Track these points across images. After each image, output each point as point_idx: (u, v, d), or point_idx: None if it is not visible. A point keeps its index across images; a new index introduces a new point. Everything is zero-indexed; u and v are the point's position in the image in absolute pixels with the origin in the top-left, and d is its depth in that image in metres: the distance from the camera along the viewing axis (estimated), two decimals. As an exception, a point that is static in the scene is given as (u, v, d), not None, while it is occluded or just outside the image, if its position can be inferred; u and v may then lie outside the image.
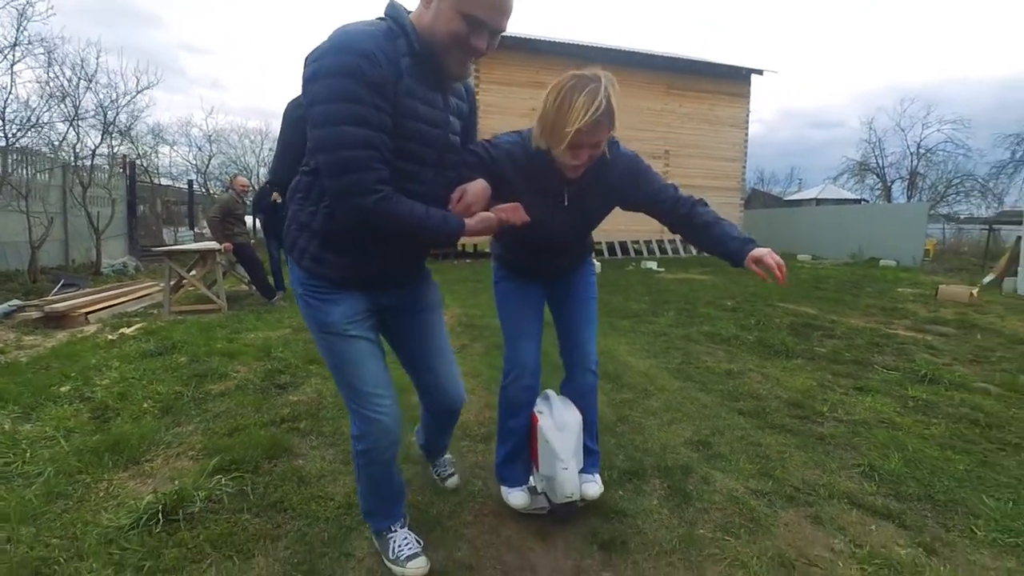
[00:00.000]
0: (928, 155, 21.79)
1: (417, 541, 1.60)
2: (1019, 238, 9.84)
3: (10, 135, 7.21)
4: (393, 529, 1.60)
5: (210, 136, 21.34)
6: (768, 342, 4.57)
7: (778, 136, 72.65)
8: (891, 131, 23.77)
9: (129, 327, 4.95)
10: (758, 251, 1.51)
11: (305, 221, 1.37)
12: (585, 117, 1.39)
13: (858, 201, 21.39)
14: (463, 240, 1.48)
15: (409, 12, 1.31)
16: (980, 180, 19.69)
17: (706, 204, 1.68)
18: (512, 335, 1.88)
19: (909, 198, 22.33)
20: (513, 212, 1.46)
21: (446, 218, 1.34)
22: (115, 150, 10.55)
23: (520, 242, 1.77)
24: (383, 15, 1.30)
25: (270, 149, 27.13)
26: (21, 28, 6.76)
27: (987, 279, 10.07)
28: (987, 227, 15.23)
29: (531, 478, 1.92)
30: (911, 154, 21.43)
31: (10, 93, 7.19)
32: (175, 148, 21.00)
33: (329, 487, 1.98)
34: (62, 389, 2.99)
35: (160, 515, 1.65)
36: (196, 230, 17.13)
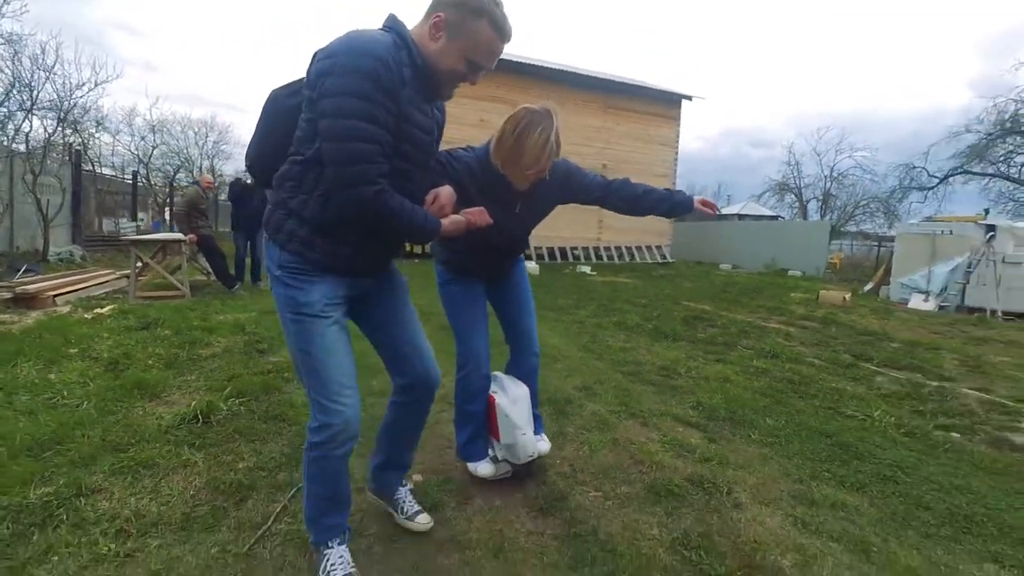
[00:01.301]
0: (840, 178, 24.25)
1: (351, 564, 1.52)
2: (891, 253, 11.57)
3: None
4: (330, 545, 1.53)
5: (154, 126, 20.89)
6: (662, 329, 5.61)
7: (718, 152, 77.12)
8: (808, 155, 26.40)
9: (101, 308, 5.42)
10: (699, 198, 2.04)
11: (295, 208, 1.40)
12: (541, 159, 1.67)
13: (775, 218, 23.59)
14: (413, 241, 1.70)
15: (408, 27, 1.43)
16: (884, 202, 22.21)
17: (631, 181, 2.03)
18: (465, 333, 2.06)
19: (822, 216, 24.71)
20: (479, 215, 1.59)
21: (427, 217, 1.45)
22: (65, 139, 10.60)
23: (472, 245, 1.88)
24: (384, 27, 1.41)
25: (215, 141, 26.72)
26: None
27: (867, 287, 11.78)
28: (877, 244, 17.35)
29: (490, 450, 2.15)
30: (825, 177, 23.84)
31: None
32: (117, 138, 20.46)
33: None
34: (70, 351, 3.57)
35: (198, 416, 2.40)
36: (137, 221, 16.92)
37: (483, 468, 2.10)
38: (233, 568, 1.52)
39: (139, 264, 6.58)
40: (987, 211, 10.88)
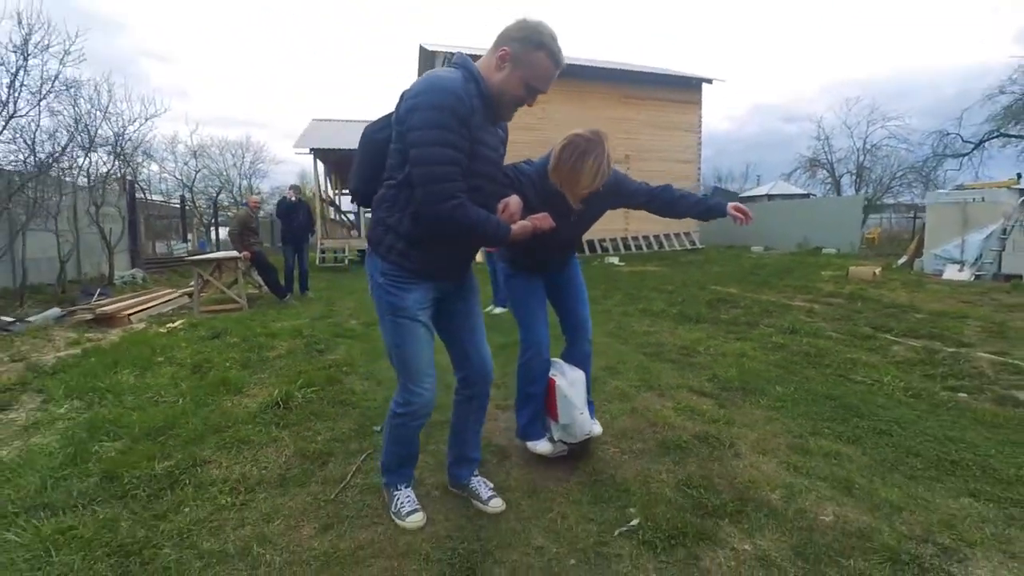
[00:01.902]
0: (873, 150, 23.60)
1: (415, 502, 1.89)
2: (923, 224, 11.38)
3: (42, 165, 8.17)
4: (399, 487, 1.91)
5: (195, 152, 22.10)
6: (686, 313, 5.87)
7: (747, 131, 75.34)
8: (838, 128, 25.67)
9: (173, 323, 6.05)
10: (733, 203, 2.17)
11: (392, 224, 1.67)
12: (594, 183, 1.88)
13: (806, 196, 23.12)
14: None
15: (475, 60, 1.66)
16: (919, 172, 21.54)
17: (673, 187, 2.24)
18: (527, 320, 2.25)
19: (857, 190, 24.08)
20: (543, 220, 1.79)
21: (499, 223, 1.66)
22: (120, 171, 11.48)
23: (537, 247, 2.04)
24: (453, 64, 1.65)
25: (251, 161, 27.97)
26: (56, 74, 7.74)
27: (901, 260, 11.62)
28: (913, 216, 16.92)
29: (547, 431, 2.31)
30: (857, 150, 23.25)
31: (38, 127, 8.14)
32: (163, 165, 21.75)
33: (372, 395, 3.20)
34: (158, 359, 4.13)
35: (279, 403, 2.86)
36: (187, 243, 18.01)
37: (542, 446, 2.27)
38: (324, 510, 1.94)
39: (200, 281, 7.23)
40: (1020, 175, 10.55)
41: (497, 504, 1.96)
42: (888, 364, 3.93)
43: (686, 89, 17.13)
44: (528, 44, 1.59)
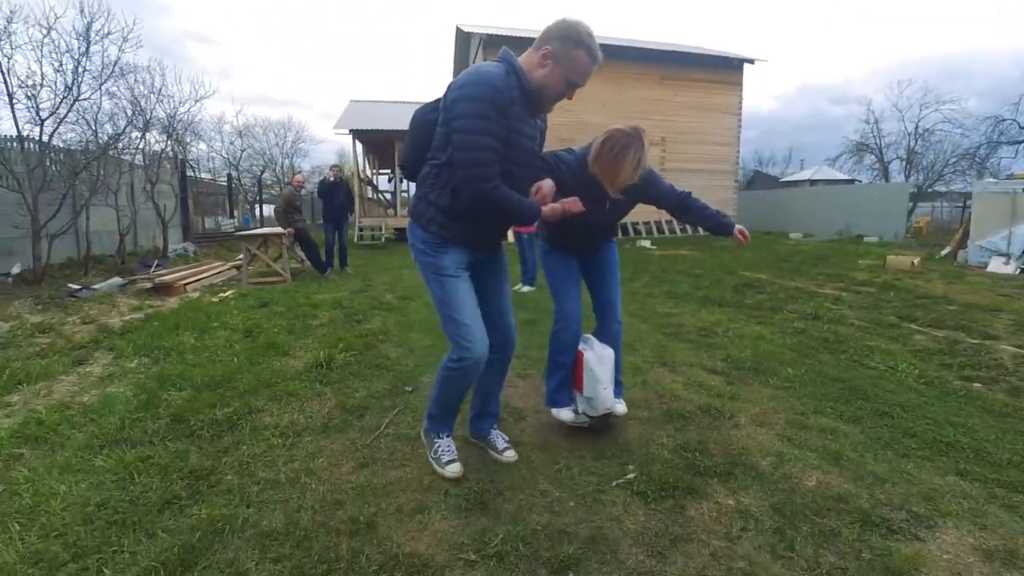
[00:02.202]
0: (925, 135, 22.54)
1: (455, 451, 2.06)
2: (969, 214, 10.96)
3: (105, 146, 8.76)
4: (441, 436, 2.07)
5: (240, 131, 22.90)
6: (710, 297, 5.96)
7: (794, 112, 72.36)
8: (888, 112, 24.50)
9: (225, 293, 6.51)
10: (739, 226, 2.34)
11: (434, 199, 1.85)
12: (634, 176, 2.03)
13: (851, 182, 22.31)
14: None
15: (517, 56, 1.81)
16: (972, 158, 20.50)
17: (693, 196, 2.39)
18: (560, 293, 2.40)
19: (907, 177, 23.10)
20: (572, 204, 1.95)
21: (531, 204, 1.84)
22: (173, 151, 12.12)
23: (569, 228, 2.19)
24: (498, 59, 1.80)
25: (292, 141, 28.73)
26: (116, 59, 8.25)
27: (945, 251, 11.24)
28: (963, 205, 16.19)
29: (573, 402, 2.43)
30: (908, 135, 22.25)
31: (99, 109, 8.71)
32: (211, 145, 22.66)
33: (404, 360, 3.50)
34: (213, 324, 4.53)
35: (322, 364, 3.19)
36: (234, 219, 18.82)
37: (564, 414, 2.40)
38: (361, 453, 2.23)
39: (248, 255, 7.69)
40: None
41: (511, 455, 2.16)
42: (906, 352, 3.97)
43: (726, 70, 16.73)
44: (568, 43, 1.74)
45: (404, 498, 1.88)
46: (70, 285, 7.30)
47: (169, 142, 11.55)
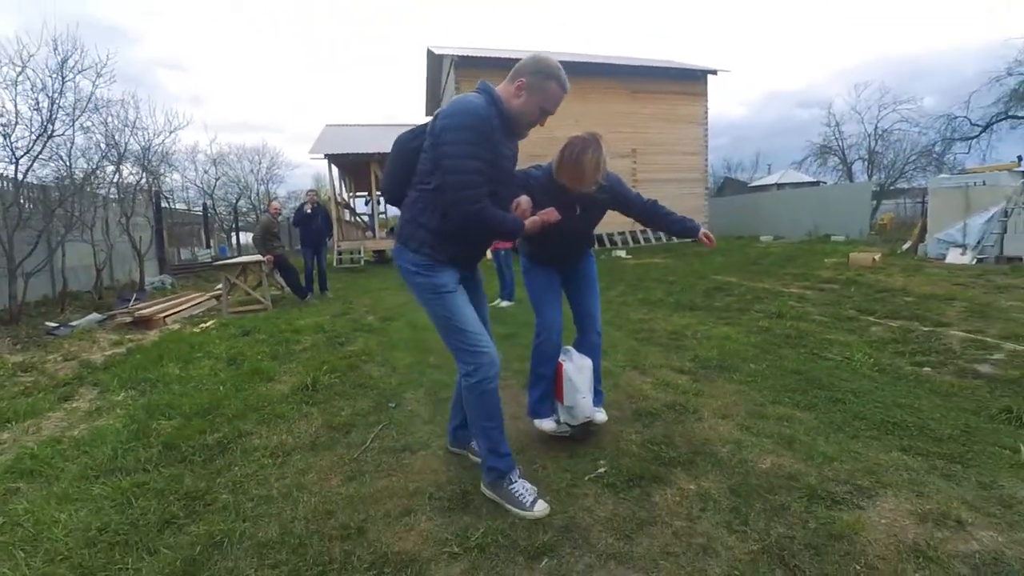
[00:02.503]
0: (885, 135, 23.46)
1: (532, 489, 2.00)
2: (925, 209, 11.49)
3: (79, 181, 8.77)
4: (512, 480, 1.98)
5: (215, 160, 22.83)
6: (682, 302, 6.20)
7: (764, 117, 74.36)
8: (848, 115, 25.49)
9: (205, 323, 6.55)
10: (704, 230, 2.44)
11: (424, 222, 1.94)
12: (597, 174, 2.15)
13: (816, 183, 23.08)
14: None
15: (495, 86, 1.95)
16: (927, 155, 21.39)
17: (659, 203, 2.51)
18: (540, 306, 2.48)
19: (870, 176, 23.96)
20: (549, 214, 2.08)
21: (514, 220, 1.97)
22: (148, 183, 12.09)
23: (546, 239, 2.27)
24: (477, 90, 1.95)
25: (267, 167, 28.70)
26: (90, 96, 8.30)
27: (905, 246, 11.73)
28: (921, 200, 16.88)
29: (555, 412, 2.50)
30: (868, 136, 23.14)
31: (72, 144, 8.72)
32: (184, 175, 22.54)
33: (387, 378, 3.63)
34: (196, 354, 4.60)
35: (307, 386, 3.30)
36: (210, 249, 18.70)
37: (546, 424, 2.48)
38: (349, 466, 2.35)
39: (228, 284, 7.73)
40: (1021, 158, 10.62)
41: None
42: (863, 343, 4.22)
43: (691, 81, 17.31)
44: (540, 75, 1.92)
45: (391, 504, 2.01)
46: (47, 323, 7.26)
47: (144, 174, 11.53)
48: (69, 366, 4.75)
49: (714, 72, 17.39)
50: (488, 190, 1.87)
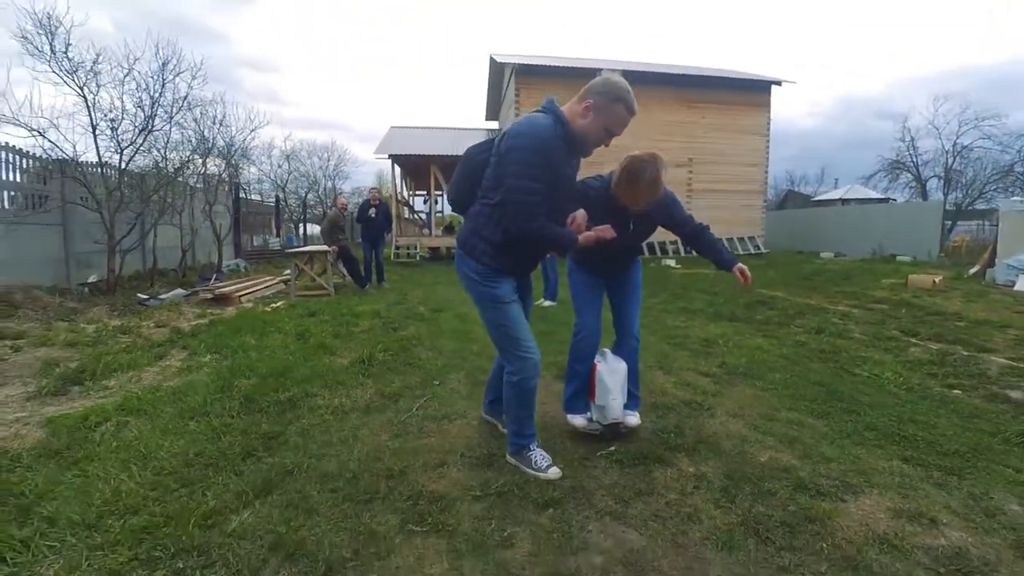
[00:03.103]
0: (965, 152, 22.11)
1: (547, 456, 2.25)
2: (997, 233, 10.89)
3: (172, 172, 9.77)
4: (532, 448, 2.25)
5: (288, 155, 24.31)
6: (721, 312, 6.31)
7: (836, 129, 71.05)
8: (924, 129, 24.05)
9: (276, 303, 7.22)
10: (740, 265, 2.42)
11: (487, 235, 2.09)
12: (653, 195, 2.23)
13: (885, 200, 22.02)
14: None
15: (561, 106, 2.04)
16: (1017, 175, 20.00)
17: (710, 230, 2.55)
18: (581, 307, 2.61)
19: (946, 196, 22.64)
20: (605, 231, 2.15)
21: (569, 235, 2.07)
22: (229, 175, 13.19)
23: (596, 250, 2.28)
24: (543, 108, 2.03)
25: (335, 164, 30.20)
26: (186, 95, 9.26)
27: (973, 270, 11.17)
28: (995, 222, 15.85)
29: (589, 410, 2.60)
30: (946, 152, 21.87)
31: (168, 139, 9.73)
32: (260, 167, 24.18)
33: (434, 360, 4.04)
34: (269, 329, 5.18)
35: (364, 361, 3.76)
36: (280, 238, 20.00)
37: (578, 420, 2.60)
38: (396, 427, 2.75)
39: (296, 270, 8.45)
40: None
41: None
42: (896, 363, 4.26)
43: (753, 91, 17.01)
44: (608, 96, 1.99)
45: (428, 457, 2.38)
46: (139, 295, 8.17)
47: (226, 167, 12.61)
48: (161, 332, 5.44)
49: (779, 83, 17.02)
50: (547, 208, 1.99)
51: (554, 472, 2.19)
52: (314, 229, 25.26)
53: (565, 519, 1.93)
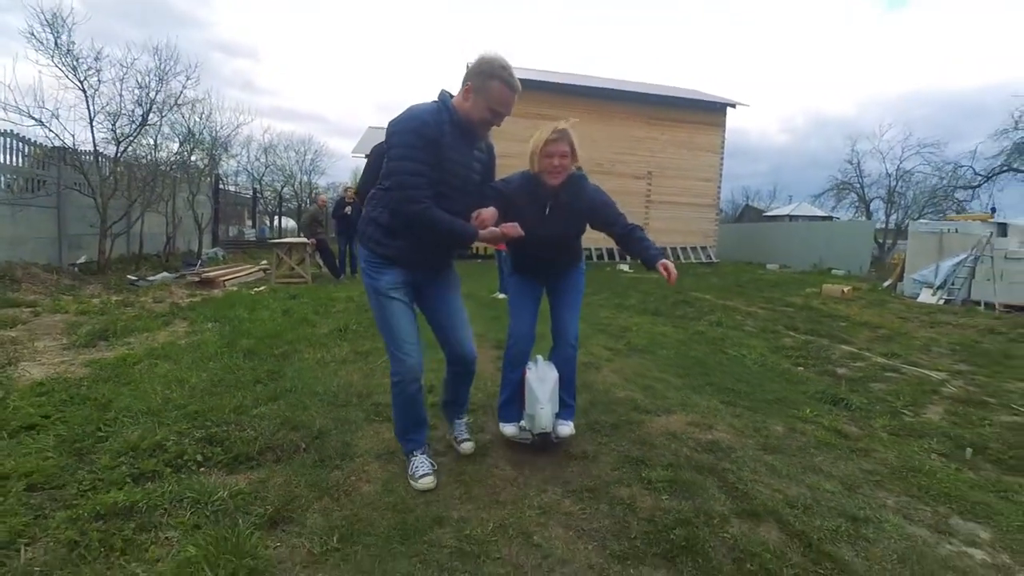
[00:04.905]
0: (906, 176, 24.00)
1: (432, 464, 2.18)
2: (901, 250, 12.38)
3: (162, 163, 10.51)
4: (415, 454, 2.20)
5: (265, 149, 24.87)
6: (648, 308, 7.43)
7: (807, 146, 74.10)
8: (870, 153, 26.11)
9: (259, 288, 8.08)
10: (664, 261, 2.26)
11: (375, 217, 2.08)
12: (547, 135, 2.26)
13: (829, 218, 23.81)
14: (478, 245, 3.05)
15: (452, 96, 2.06)
16: (956, 200, 21.94)
17: (643, 230, 2.44)
18: (514, 314, 2.59)
19: (887, 215, 24.54)
20: (511, 228, 2.09)
21: (465, 226, 2.03)
22: (209, 168, 13.89)
23: (522, 247, 2.37)
24: (437, 99, 2.06)
25: (311, 159, 30.74)
26: (179, 94, 10.03)
27: (886, 283, 12.63)
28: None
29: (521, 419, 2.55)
30: (889, 175, 23.74)
31: (159, 133, 10.47)
32: (238, 160, 24.70)
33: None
34: (257, 306, 6.07)
35: (341, 329, 4.73)
36: (255, 228, 20.61)
37: (508, 429, 2.59)
38: (365, 371, 3.72)
39: (277, 259, 9.29)
40: (994, 210, 11.48)
41: (467, 447, 2.50)
42: (765, 347, 5.39)
43: (711, 112, 18.39)
44: (483, 76, 2.00)
45: (386, 387, 3.35)
46: (129, 276, 8.92)
47: (209, 159, 13.32)
48: (160, 306, 6.28)
49: (733, 105, 18.44)
50: (435, 192, 1.99)
51: (424, 483, 2.13)
52: (288, 222, 25.85)
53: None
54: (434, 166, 1.98)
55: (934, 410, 3.67)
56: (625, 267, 14.63)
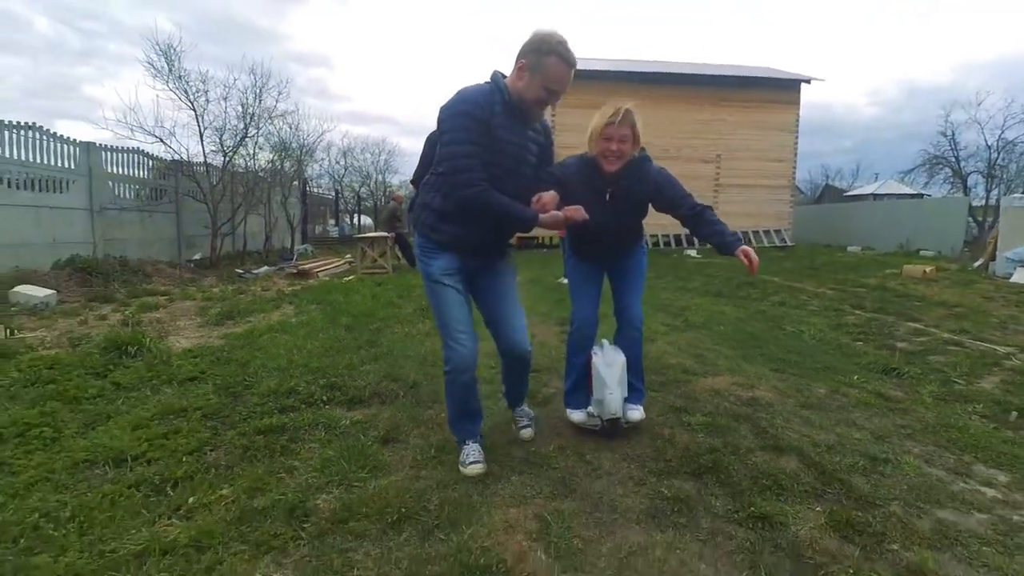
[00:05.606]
0: (1009, 147, 21.89)
1: (481, 453, 2.16)
2: (996, 226, 11.51)
3: (260, 171, 11.80)
4: (466, 443, 2.19)
5: (344, 152, 26.62)
6: (711, 291, 7.60)
7: (899, 119, 68.32)
8: (964, 125, 23.61)
9: (348, 277, 9.00)
10: (745, 247, 2.17)
11: (428, 202, 2.08)
12: (607, 117, 2.18)
13: (919, 196, 22.09)
14: (540, 232, 3.58)
15: (505, 76, 2.02)
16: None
17: (713, 211, 2.31)
18: (575, 299, 2.53)
19: (988, 191, 22.53)
20: (575, 212, 2.05)
21: (523, 209, 1.98)
22: (298, 173, 15.26)
23: (581, 234, 2.34)
24: (489, 80, 2.02)
25: (385, 159, 32.40)
26: (273, 108, 11.22)
27: (977, 263, 11.80)
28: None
29: (589, 404, 2.49)
30: (988, 147, 21.72)
31: (256, 144, 11.73)
32: (321, 164, 26.62)
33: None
34: (350, 292, 6.89)
35: (423, 309, 5.41)
36: (339, 226, 22.19)
37: (576, 415, 2.53)
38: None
39: (362, 252, 10.24)
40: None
41: (527, 434, 2.47)
42: (825, 324, 5.47)
43: (783, 90, 17.66)
44: (539, 53, 1.94)
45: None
46: (237, 270, 10.15)
47: (298, 165, 14.67)
48: (268, 293, 7.25)
49: (807, 81, 17.64)
50: (489, 174, 1.94)
51: (474, 469, 2.11)
52: (367, 220, 27.50)
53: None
54: (486, 148, 1.94)
55: (990, 380, 3.73)
56: (693, 252, 14.55)
